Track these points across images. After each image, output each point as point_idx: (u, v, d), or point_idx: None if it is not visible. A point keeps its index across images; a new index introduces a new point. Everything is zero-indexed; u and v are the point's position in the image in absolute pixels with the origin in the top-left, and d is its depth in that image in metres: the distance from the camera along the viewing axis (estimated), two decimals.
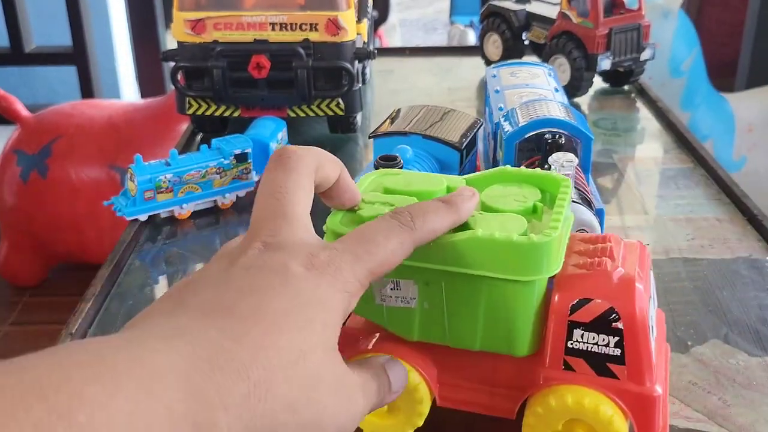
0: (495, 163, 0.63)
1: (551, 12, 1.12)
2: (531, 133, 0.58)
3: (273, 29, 0.85)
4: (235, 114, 0.90)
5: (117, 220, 0.76)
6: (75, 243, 1.88)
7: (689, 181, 0.85)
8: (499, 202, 0.43)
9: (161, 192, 0.75)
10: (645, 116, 1.06)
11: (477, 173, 0.47)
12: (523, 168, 0.47)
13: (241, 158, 0.79)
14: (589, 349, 0.41)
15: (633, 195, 0.82)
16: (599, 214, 0.56)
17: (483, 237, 0.39)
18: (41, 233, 1.89)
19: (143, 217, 0.75)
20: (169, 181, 0.75)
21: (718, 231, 0.74)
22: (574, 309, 0.40)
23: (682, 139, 0.95)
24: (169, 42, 2.47)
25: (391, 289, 0.42)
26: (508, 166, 0.47)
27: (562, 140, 0.58)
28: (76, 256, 1.92)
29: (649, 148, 0.97)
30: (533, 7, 1.18)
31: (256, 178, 0.81)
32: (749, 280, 0.65)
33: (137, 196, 0.74)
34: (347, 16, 0.86)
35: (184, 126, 1.10)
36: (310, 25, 0.85)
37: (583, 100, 1.11)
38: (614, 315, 0.40)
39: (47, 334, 1.67)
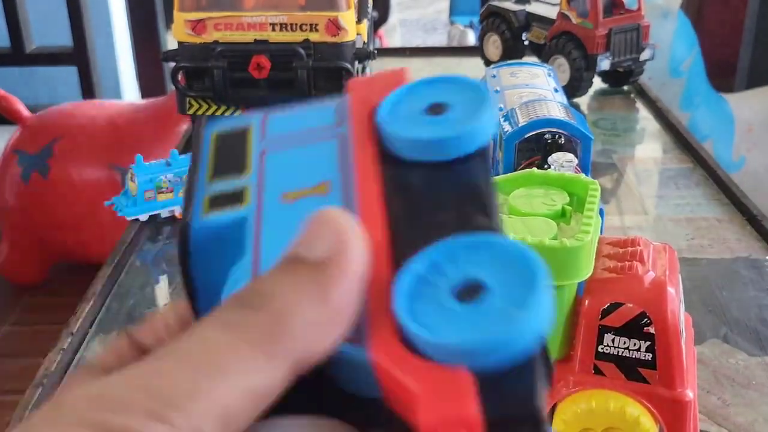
0: (494, 164, 0.63)
1: (551, 12, 1.12)
2: (531, 134, 0.58)
3: (273, 29, 0.85)
4: (236, 114, 0.91)
5: (118, 220, 0.76)
6: (76, 243, 1.88)
7: (689, 181, 0.85)
8: (527, 206, 0.43)
9: (162, 192, 0.75)
10: (645, 116, 1.06)
11: (503, 176, 0.47)
12: (550, 171, 0.47)
13: None
14: (619, 354, 0.40)
15: (633, 195, 0.82)
16: (599, 214, 0.56)
17: None
18: (42, 233, 1.89)
19: (144, 217, 0.75)
20: (170, 181, 0.75)
21: (717, 231, 0.74)
22: (605, 313, 0.40)
23: (681, 140, 0.96)
24: (170, 42, 2.47)
25: None
26: (535, 169, 0.47)
27: (562, 140, 0.58)
28: (76, 256, 1.92)
29: (649, 148, 0.97)
30: (533, 8, 1.18)
31: None
32: (749, 280, 0.65)
33: (138, 196, 0.74)
34: (347, 17, 0.86)
35: (185, 126, 1.10)
36: (311, 25, 0.85)
37: (583, 100, 1.11)
38: (646, 319, 0.39)
39: (48, 334, 1.67)
